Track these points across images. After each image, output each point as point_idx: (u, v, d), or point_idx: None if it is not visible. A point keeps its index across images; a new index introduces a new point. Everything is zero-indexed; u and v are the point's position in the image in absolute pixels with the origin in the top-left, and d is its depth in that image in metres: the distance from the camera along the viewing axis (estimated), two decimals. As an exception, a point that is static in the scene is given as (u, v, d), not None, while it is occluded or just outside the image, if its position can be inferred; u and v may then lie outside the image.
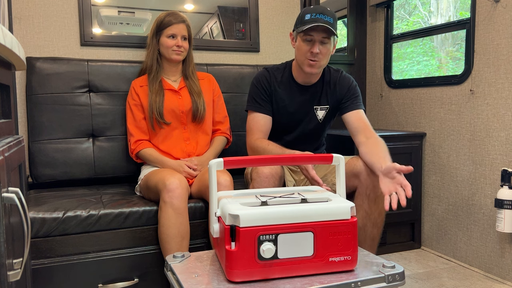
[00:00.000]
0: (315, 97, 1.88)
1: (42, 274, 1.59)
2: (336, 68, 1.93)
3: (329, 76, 1.89)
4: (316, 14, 1.70)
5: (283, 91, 1.87)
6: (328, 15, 1.70)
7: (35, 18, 2.14)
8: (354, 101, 1.85)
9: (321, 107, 1.88)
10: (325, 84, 1.88)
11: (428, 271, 2.22)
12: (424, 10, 3.09)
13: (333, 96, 1.88)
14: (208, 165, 1.18)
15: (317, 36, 1.71)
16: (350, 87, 1.87)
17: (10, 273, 0.81)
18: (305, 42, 1.74)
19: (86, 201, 1.77)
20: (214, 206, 1.20)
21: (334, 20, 1.72)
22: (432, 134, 2.48)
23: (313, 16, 1.70)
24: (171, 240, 1.63)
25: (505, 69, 2.04)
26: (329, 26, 1.68)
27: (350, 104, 1.85)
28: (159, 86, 1.99)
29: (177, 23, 1.97)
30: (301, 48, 1.76)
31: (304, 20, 1.72)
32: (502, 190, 1.99)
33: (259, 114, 1.85)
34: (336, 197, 1.24)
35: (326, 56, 1.76)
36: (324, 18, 1.69)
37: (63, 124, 2.06)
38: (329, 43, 1.74)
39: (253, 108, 1.86)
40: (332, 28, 1.68)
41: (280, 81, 1.88)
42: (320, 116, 1.90)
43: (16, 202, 0.81)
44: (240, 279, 1.10)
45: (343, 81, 1.88)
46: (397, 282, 1.15)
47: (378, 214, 1.61)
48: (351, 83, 1.89)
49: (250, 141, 1.82)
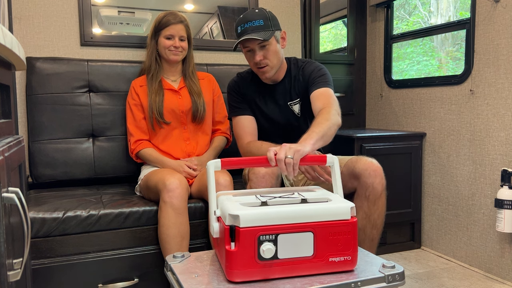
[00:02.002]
0: (286, 93, 1.87)
1: (42, 274, 1.59)
2: (304, 59, 1.90)
3: (296, 69, 1.87)
4: (244, 24, 1.71)
5: (255, 93, 1.88)
6: (256, 19, 1.70)
7: (35, 18, 2.14)
8: (317, 80, 1.78)
9: (294, 101, 1.87)
10: (292, 78, 1.87)
11: (428, 271, 2.22)
12: (424, 10, 3.09)
13: (300, 87, 1.85)
14: (206, 165, 1.19)
15: (253, 45, 1.72)
16: (313, 71, 1.81)
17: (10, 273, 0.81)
18: (248, 53, 1.77)
19: (86, 201, 1.77)
20: (213, 206, 1.20)
21: (266, 20, 1.71)
22: (432, 134, 2.48)
23: (242, 28, 1.72)
24: (171, 240, 1.63)
25: (505, 69, 2.04)
26: (258, 31, 1.68)
27: (313, 84, 1.78)
28: (159, 85, 1.99)
29: (175, 24, 1.97)
30: (248, 59, 1.80)
31: (237, 33, 1.75)
32: (502, 190, 1.99)
33: (241, 117, 1.86)
34: (336, 197, 1.24)
35: (273, 56, 1.75)
36: (253, 24, 1.69)
37: (63, 124, 2.06)
38: (269, 44, 1.72)
39: (234, 113, 1.88)
40: (263, 30, 1.69)
41: (250, 84, 1.89)
42: (297, 110, 1.88)
43: (16, 202, 0.81)
44: (240, 279, 1.10)
45: (306, 69, 1.84)
46: (397, 282, 1.15)
47: (378, 216, 1.61)
48: (314, 68, 1.82)
49: (242, 146, 1.83)
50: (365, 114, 3.06)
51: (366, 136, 2.40)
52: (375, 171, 1.58)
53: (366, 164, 1.61)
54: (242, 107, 1.87)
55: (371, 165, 1.60)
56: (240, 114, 1.87)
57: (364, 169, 1.60)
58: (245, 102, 1.88)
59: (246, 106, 1.87)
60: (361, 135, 2.39)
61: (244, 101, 1.88)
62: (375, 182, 1.57)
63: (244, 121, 1.85)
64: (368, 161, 1.62)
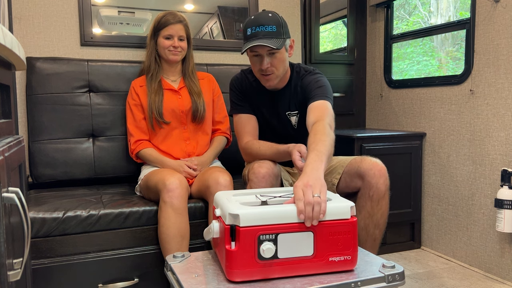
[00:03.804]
0: (285, 103, 1.83)
1: (42, 274, 1.59)
2: (307, 68, 1.82)
3: (297, 79, 1.81)
4: (255, 28, 1.62)
5: (256, 95, 1.85)
6: (269, 24, 1.62)
7: (35, 18, 2.14)
8: (315, 92, 1.70)
9: (292, 113, 1.83)
10: (293, 89, 1.81)
11: (428, 271, 2.22)
12: (424, 10, 3.09)
13: (298, 99, 1.81)
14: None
15: (262, 51, 1.64)
16: (311, 83, 1.73)
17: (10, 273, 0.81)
18: (254, 58, 1.69)
19: (86, 201, 1.77)
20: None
21: (278, 26, 1.64)
22: (432, 134, 2.48)
23: (253, 31, 1.63)
24: (171, 240, 1.63)
25: (505, 69, 2.04)
26: (271, 37, 1.60)
27: (311, 97, 1.70)
28: (158, 85, 1.99)
29: (174, 24, 1.96)
30: (252, 64, 1.73)
31: (246, 35, 1.66)
32: (502, 190, 1.99)
33: (242, 115, 1.84)
34: (336, 197, 1.24)
35: (280, 64, 1.69)
36: (265, 30, 1.61)
37: (63, 124, 2.06)
38: (278, 52, 1.65)
39: (235, 110, 1.86)
40: (275, 37, 1.61)
41: (252, 85, 1.85)
42: (293, 121, 1.84)
43: (16, 202, 0.81)
44: (240, 279, 1.10)
45: (305, 80, 1.77)
46: (397, 282, 1.15)
47: (381, 216, 1.61)
48: (312, 79, 1.75)
49: (241, 145, 1.82)
50: (365, 114, 3.06)
51: (366, 136, 2.40)
52: (379, 171, 1.59)
53: (371, 164, 1.61)
54: (243, 105, 1.85)
55: (375, 165, 1.61)
56: (241, 112, 1.84)
57: (368, 169, 1.60)
58: (245, 100, 1.86)
59: (248, 104, 1.85)
60: (361, 135, 2.39)
61: (245, 99, 1.86)
62: (379, 182, 1.57)
63: (244, 120, 1.83)
64: (372, 161, 1.62)
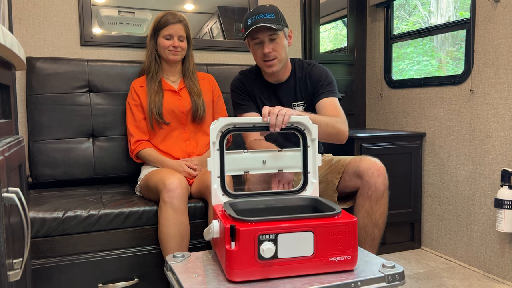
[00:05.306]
0: (290, 94, 1.87)
1: (42, 274, 1.59)
2: (309, 62, 1.91)
3: (301, 71, 1.87)
4: (255, 16, 1.72)
5: (259, 91, 1.88)
6: (268, 12, 1.71)
7: (35, 18, 2.14)
8: (325, 89, 1.80)
9: (298, 103, 1.87)
10: (298, 80, 1.87)
11: (428, 271, 2.22)
12: (424, 10, 3.09)
13: (307, 91, 1.86)
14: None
15: (263, 36, 1.72)
16: (321, 78, 1.82)
17: (10, 273, 0.81)
18: (255, 46, 1.77)
19: (86, 201, 1.77)
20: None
21: (277, 14, 1.73)
22: (432, 134, 2.48)
23: (253, 19, 1.71)
24: (171, 240, 1.63)
25: (505, 69, 2.04)
26: (270, 23, 1.69)
27: (321, 93, 1.80)
28: (158, 86, 1.99)
29: (173, 23, 1.97)
30: (255, 53, 1.79)
31: (247, 25, 1.74)
32: (502, 190, 1.99)
33: (247, 114, 1.86)
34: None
35: (281, 50, 1.76)
36: (265, 17, 1.70)
37: (63, 124, 2.06)
38: (278, 38, 1.74)
39: (239, 110, 1.88)
40: (274, 23, 1.69)
41: (254, 82, 1.89)
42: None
43: (16, 202, 0.81)
44: (240, 278, 1.10)
45: (313, 73, 1.85)
46: (397, 282, 1.15)
47: (380, 215, 1.62)
48: (321, 74, 1.84)
49: (247, 144, 1.84)
50: (365, 114, 3.06)
51: (366, 136, 2.40)
52: (378, 171, 1.60)
53: (370, 163, 1.62)
54: (247, 104, 1.87)
55: (374, 164, 1.62)
56: (246, 111, 1.86)
57: (367, 168, 1.61)
58: (249, 99, 1.87)
59: (252, 103, 1.87)
60: (361, 135, 2.39)
61: (249, 98, 1.88)
62: (378, 181, 1.57)
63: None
64: (371, 161, 1.63)
